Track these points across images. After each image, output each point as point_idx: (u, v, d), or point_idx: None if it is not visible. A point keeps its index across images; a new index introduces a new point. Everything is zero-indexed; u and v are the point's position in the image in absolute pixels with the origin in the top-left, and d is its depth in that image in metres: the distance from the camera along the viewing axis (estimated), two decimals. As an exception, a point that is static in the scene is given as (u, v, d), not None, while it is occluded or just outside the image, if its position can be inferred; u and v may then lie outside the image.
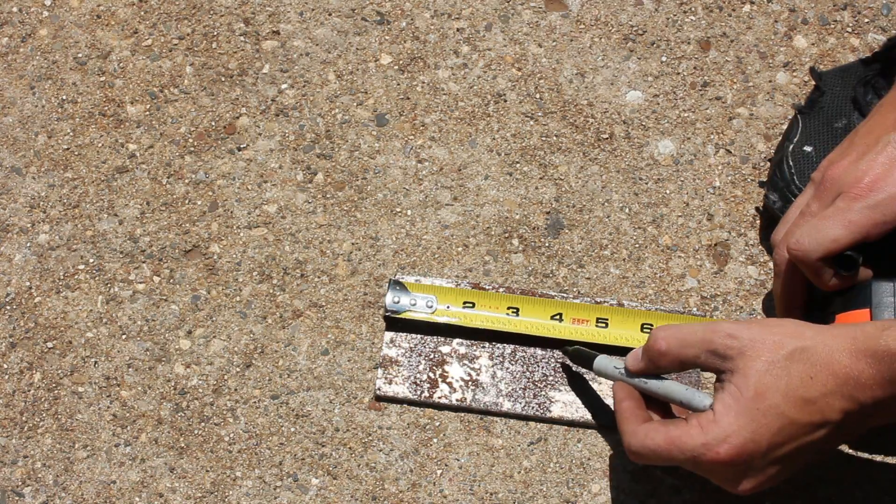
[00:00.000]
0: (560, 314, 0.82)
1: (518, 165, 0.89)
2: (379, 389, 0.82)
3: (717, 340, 0.68)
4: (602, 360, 0.76)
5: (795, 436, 0.66)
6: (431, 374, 0.82)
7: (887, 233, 0.71)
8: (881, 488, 0.80)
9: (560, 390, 0.82)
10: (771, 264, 0.85)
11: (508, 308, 0.82)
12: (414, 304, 0.83)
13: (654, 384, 0.72)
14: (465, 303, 0.83)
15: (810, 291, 0.76)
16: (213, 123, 0.91)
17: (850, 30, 0.92)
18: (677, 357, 0.69)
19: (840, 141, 0.78)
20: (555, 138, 0.90)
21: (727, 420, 0.66)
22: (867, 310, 0.71)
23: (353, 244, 0.87)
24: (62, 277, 0.86)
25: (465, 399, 0.82)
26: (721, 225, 0.87)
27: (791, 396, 0.65)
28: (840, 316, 0.73)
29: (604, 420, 0.81)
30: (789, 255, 0.73)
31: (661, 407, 0.73)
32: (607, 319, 0.82)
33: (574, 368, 0.82)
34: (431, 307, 0.82)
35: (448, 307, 0.82)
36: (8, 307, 0.85)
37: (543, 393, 0.82)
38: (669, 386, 0.71)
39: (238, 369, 0.84)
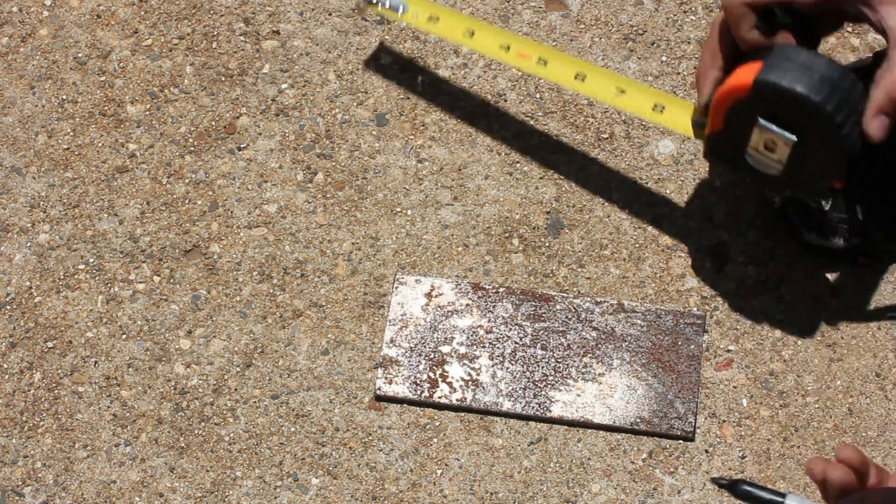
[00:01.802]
0: (509, 45, 0.83)
1: (518, 165, 0.89)
2: (379, 389, 0.82)
3: None
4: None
5: None
6: (431, 374, 0.82)
7: (818, 4, 0.71)
8: (881, 488, 0.80)
9: (560, 390, 0.82)
10: (771, 264, 0.86)
11: (465, 31, 0.84)
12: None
13: None
14: (430, 17, 0.85)
15: (735, 56, 0.75)
16: (213, 123, 0.91)
17: (850, 30, 0.92)
18: None
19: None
20: (555, 138, 0.90)
21: None
22: (760, 63, 0.71)
23: (353, 244, 0.87)
24: (62, 277, 0.86)
25: (465, 399, 0.82)
26: (721, 225, 0.87)
27: None
28: (736, 69, 0.72)
29: None
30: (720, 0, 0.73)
31: None
32: (547, 60, 0.83)
33: None
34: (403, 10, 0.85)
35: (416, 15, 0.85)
36: (8, 307, 0.86)
37: (543, 393, 0.82)
38: None
39: (238, 369, 0.84)
